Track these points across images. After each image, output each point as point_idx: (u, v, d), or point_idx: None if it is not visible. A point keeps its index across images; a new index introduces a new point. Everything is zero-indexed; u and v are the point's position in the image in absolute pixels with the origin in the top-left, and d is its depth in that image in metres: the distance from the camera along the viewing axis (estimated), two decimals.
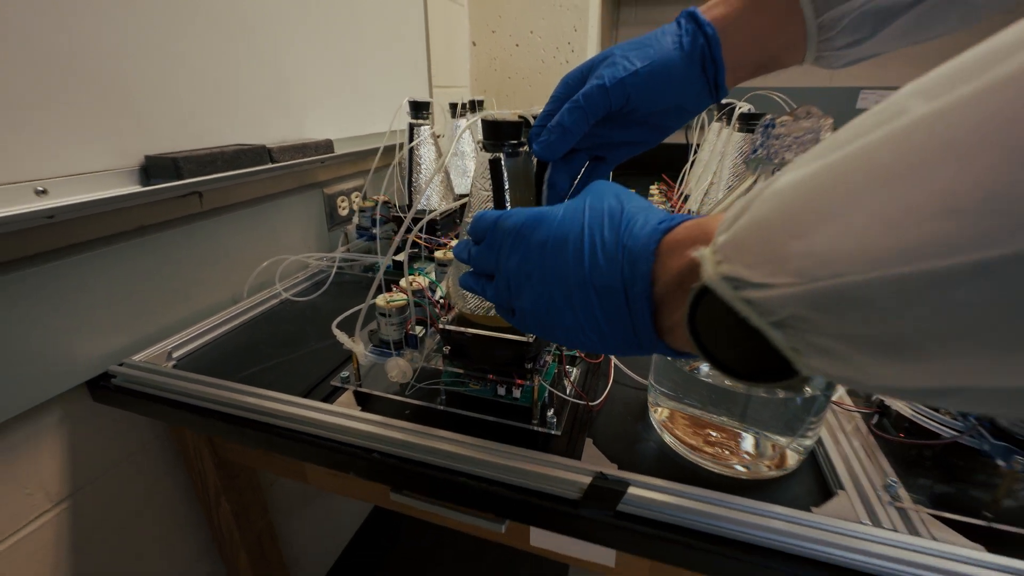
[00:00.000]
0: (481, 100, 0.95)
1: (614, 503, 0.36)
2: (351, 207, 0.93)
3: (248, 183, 0.67)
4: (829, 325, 0.17)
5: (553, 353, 0.47)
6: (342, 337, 0.48)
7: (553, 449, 0.41)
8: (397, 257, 0.73)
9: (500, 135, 0.40)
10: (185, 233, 0.61)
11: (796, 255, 0.17)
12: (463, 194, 0.89)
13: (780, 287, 0.18)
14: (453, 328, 0.44)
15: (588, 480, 0.37)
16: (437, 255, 0.62)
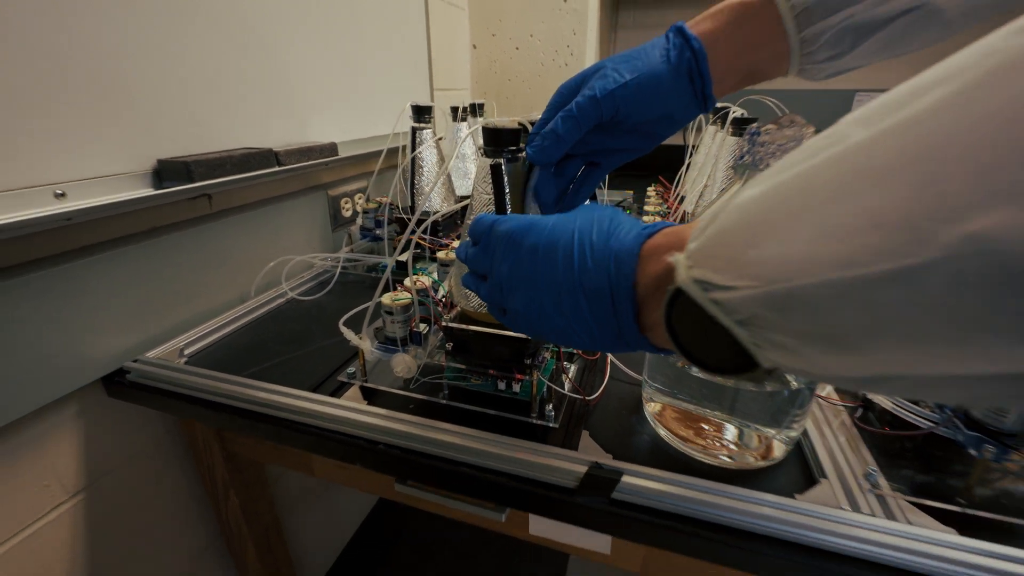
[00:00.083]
0: (482, 103, 0.96)
1: (609, 491, 0.38)
2: (354, 209, 0.95)
3: (255, 185, 0.69)
4: (783, 323, 0.20)
5: (551, 350, 0.49)
6: (349, 334, 0.50)
7: (551, 441, 0.43)
8: (401, 257, 0.75)
9: (500, 141, 0.42)
10: (194, 234, 0.63)
11: (754, 262, 0.20)
12: (464, 196, 0.91)
13: (742, 289, 0.20)
14: (455, 325, 0.46)
15: (584, 469, 0.39)
16: (439, 255, 0.64)
